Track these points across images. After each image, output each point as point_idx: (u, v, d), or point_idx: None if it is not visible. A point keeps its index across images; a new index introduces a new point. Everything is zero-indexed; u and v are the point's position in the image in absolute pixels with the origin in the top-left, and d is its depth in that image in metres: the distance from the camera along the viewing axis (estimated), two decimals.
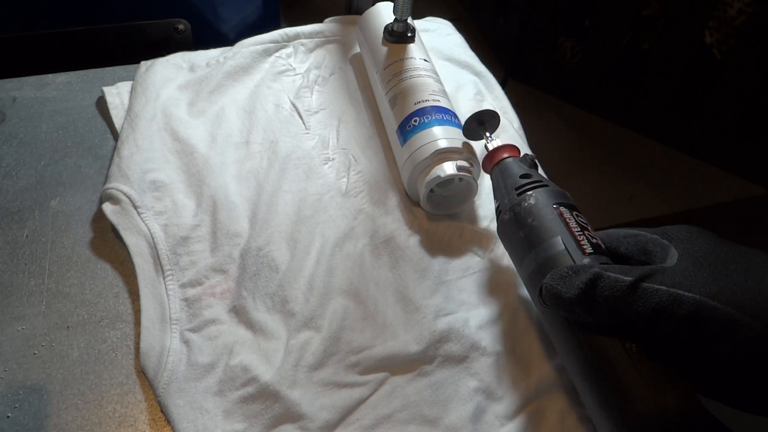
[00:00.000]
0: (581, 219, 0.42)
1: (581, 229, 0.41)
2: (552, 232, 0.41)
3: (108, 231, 0.51)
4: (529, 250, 0.42)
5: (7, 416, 0.41)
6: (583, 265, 0.38)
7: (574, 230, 0.41)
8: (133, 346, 0.45)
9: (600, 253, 0.40)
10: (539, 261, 0.41)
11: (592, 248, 0.40)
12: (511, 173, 0.46)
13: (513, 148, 0.49)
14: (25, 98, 0.61)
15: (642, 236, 0.40)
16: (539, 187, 0.44)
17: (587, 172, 1.60)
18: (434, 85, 0.56)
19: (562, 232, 0.41)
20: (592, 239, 0.41)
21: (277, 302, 0.47)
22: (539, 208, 0.43)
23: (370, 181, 0.55)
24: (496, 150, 0.49)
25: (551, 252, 0.40)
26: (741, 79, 1.48)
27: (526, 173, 0.46)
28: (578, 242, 0.40)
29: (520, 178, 0.45)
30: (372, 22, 0.62)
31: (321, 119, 0.60)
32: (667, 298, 0.33)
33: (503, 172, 0.47)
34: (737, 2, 1.44)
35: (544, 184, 0.44)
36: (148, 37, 0.78)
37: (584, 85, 1.72)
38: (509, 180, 0.46)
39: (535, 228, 0.42)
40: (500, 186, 0.47)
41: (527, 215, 0.43)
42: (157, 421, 0.41)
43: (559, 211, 0.42)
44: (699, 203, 1.57)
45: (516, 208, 0.44)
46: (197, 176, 0.54)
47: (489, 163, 0.49)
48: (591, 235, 0.41)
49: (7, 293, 0.47)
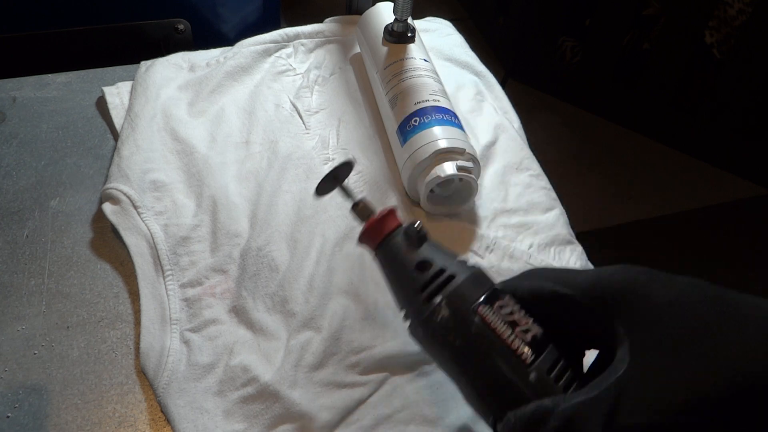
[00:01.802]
0: (506, 310, 0.34)
1: (511, 329, 0.34)
2: (482, 353, 0.33)
3: (108, 231, 0.51)
4: (461, 375, 0.35)
5: (7, 416, 0.41)
6: (538, 413, 0.31)
7: (506, 339, 0.33)
8: (133, 346, 0.45)
9: (540, 350, 0.33)
10: (478, 389, 0.34)
11: (532, 351, 0.33)
12: (403, 264, 0.37)
13: (391, 215, 0.39)
14: (25, 98, 0.61)
15: (570, 301, 0.34)
16: (447, 282, 0.35)
17: (587, 172, 1.61)
18: (434, 85, 0.56)
19: (493, 347, 0.33)
20: (527, 335, 0.34)
21: (277, 302, 0.47)
22: (457, 322, 0.34)
23: (370, 181, 0.55)
24: (374, 225, 0.39)
25: (489, 378, 0.33)
26: (741, 79, 1.48)
27: (424, 260, 0.36)
28: (516, 354, 0.33)
29: (419, 271, 0.36)
30: (372, 22, 0.62)
31: (321, 119, 0.60)
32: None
33: (393, 261, 0.38)
34: (737, 2, 1.44)
35: (450, 274, 0.36)
36: (148, 37, 0.78)
37: (584, 85, 1.72)
38: (404, 276, 0.37)
39: (460, 349, 0.34)
40: (395, 283, 0.38)
41: (445, 332, 0.34)
42: (157, 421, 0.41)
43: (481, 318, 0.34)
44: (699, 203, 1.57)
45: (429, 323, 0.35)
46: (197, 176, 0.54)
47: (370, 241, 0.39)
48: (523, 329, 0.34)
49: (7, 293, 0.47)
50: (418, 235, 0.37)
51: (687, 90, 1.60)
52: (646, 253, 1.45)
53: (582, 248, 0.54)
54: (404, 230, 0.38)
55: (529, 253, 0.52)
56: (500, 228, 0.53)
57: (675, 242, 1.49)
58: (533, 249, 0.52)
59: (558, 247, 0.53)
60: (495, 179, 0.56)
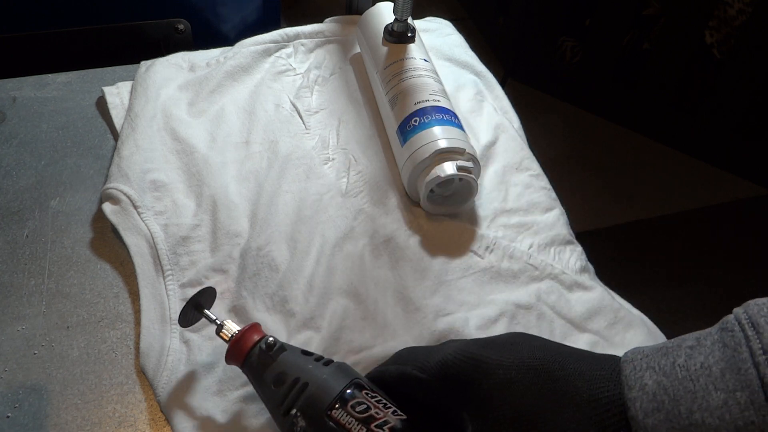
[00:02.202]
0: (360, 406, 0.36)
1: (365, 426, 0.35)
2: None
3: (108, 231, 0.51)
4: None
5: (7, 416, 0.41)
6: None
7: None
8: (133, 346, 0.45)
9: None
10: None
11: None
12: (263, 380, 0.39)
13: (252, 330, 0.40)
14: (25, 98, 0.61)
15: (421, 386, 0.36)
16: (299, 394, 0.37)
17: (587, 172, 1.61)
18: (434, 85, 0.56)
19: None
20: (384, 429, 0.35)
21: (276, 302, 0.47)
22: (314, 430, 0.36)
23: (370, 181, 0.55)
24: (237, 342, 0.40)
25: None
26: (741, 79, 1.48)
27: (279, 373, 0.38)
28: None
29: (275, 386, 0.38)
30: (372, 22, 0.62)
31: (321, 119, 0.60)
32: None
33: (255, 376, 0.39)
34: (737, 2, 1.44)
35: (303, 385, 0.37)
36: (148, 37, 0.78)
37: (584, 85, 1.72)
38: (265, 393, 0.39)
39: None
40: (261, 398, 0.39)
41: None
42: (157, 421, 0.41)
43: (336, 421, 0.36)
44: (699, 203, 1.57)
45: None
46: (197, 176, 0.54)
47: (236, 361, 0.40)
48: (379, 424, 0.35)
49: (7, 293, 0.47)
50: (272, 348, 0.39)
51: (687, 90, 1.60)
52: (646, 253, 1.45)
53: (582, 248, 0.54)
54: (259, 346, 0.39)
55: (529, 253, 0.52)
56: (500, 228, 0.53)
57: (675, 242, 1.49)
58: (533, 249, 0.52)
59: (558, 247, 0.53)
60: (495, 179, 0.56)
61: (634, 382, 0.30)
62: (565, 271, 0.51)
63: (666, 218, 1.53)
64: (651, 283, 1.37)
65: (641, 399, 0.29)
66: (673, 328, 0.52)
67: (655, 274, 1.40)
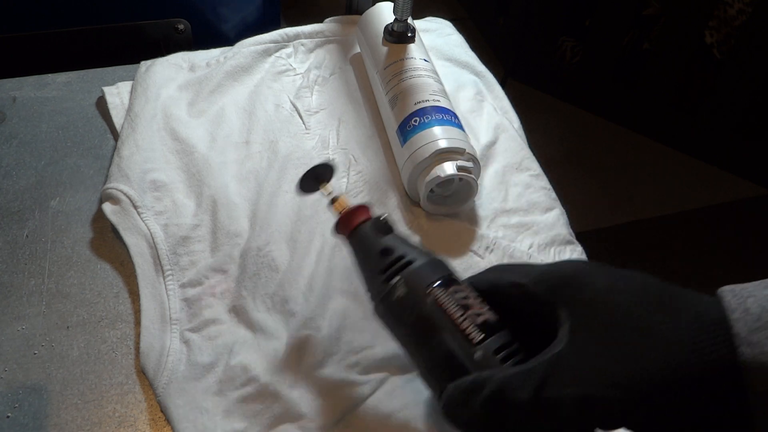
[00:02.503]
0: (460, 295, 0.37)
1: (463, 311, 0.36)
2: (433, 329, 0.36)
3: (108, 231, 0.51)
4: (414, 351, 0.38)
5: (7, 416, 0.41)
6: (475, 383, 0.34)
7: (456, 319, 0.36)
8: (133, 346, 0.45)
9: (491, 333, 0.36)
10: (428, 365, 0.37)
11: (481, 332, 0.36)
12: (369, 249, 0.40)
13: (363, 209, 0.42)
14: (25, 98, 0.61)
15: (526, 290, 0.37)
16: (405, 266, 0.39)
17: (587, 171, 1.61)
18: (434, 85, 0.56)
19: (443, 325, 0.36)
20: (479, 318, 0.36)
21: (276, 302, 0.47)
22: (412, 300, 0.37)
23: (370, 181, 0.55)
24: (346, 216, 0.42)
25: (438, 354, 0.36)
26: (741, 79, 1.48)
27: (387, 247, 0.40)
28: (464, 333, 0.36)
29: (381, 256, 0.39)
30: (372, 22, 0.62)
31: (321, 119, 0.60)
32: (572, 407, 0.32)
33: (361, 248, 0.41)
34: (737, 2, 1.44)
35: (409, 260, 0.39)
36: (148, 37, 0.78)
37: (584, 85, 1.72)
38: (369, 260, 0.40)
39: (413, 326, 0.37)
40: (362, 266, 0.41)
41: (401, 310, 0.38)
42: (157, 421, 0.41)
43: (433, 298, 0.37)
44: (699, 203, 1.57)
45: (387, 301, 0.38)
46: (197, 176, 0.54)
47: (344, 229, 0.42)
48: (476, 312, 0.36)
49: (7, 293, 0.47)
50: (385, 226, 0.41)
51: (687, 90, 1.60)
52: (646, 253, 1.45)
53: (582, 248, 0.54)
54: (373, 221, 0.42)
55: (529, 253, 0.52)
56: (500, 228, 0.53)
57: (675, 242, 1.49)
58: (533, 249, 0.52)
59: (558, 247, 0.53)
60: (495, 179, 0.56)
61: (736, 305, 0.31)
62: None
63: (666, 218, 1.53)
64: None
65: (744, 319, 0.30)
66: None
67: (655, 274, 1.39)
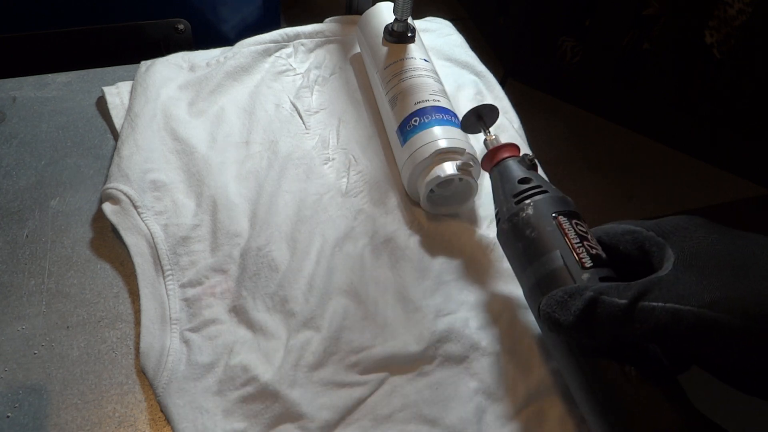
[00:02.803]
0: (581, 228, 0.41)
1: (580, 239, 0.40)
2: (550, 246, 0.40)
3: (108, 231, 0.51)
4: (527, 264, 0.41)
5: (7, 416, 0.41)
6: (578, 288, 0.37)
7: (573, 243, 0.40)
8: (133, 346, 0.45)
9: (600, 265, 0.39)
10: (537, 276, 0.40)
11: (591, 261, 0.39)
12: (509, 177, 0.45)
13: (513, 147, 0.47)
14: (25, 98, 0.61)
15: (639, 233, 0.39)
16: (538, 194, 0.43)
17: (587, 172, 1.60)
18: (434, 85, 0.56)
19: (560, 245, 0.40)
20: (592, 250, 0.40)
21: (277, 302, 0.47)
22: (537, 219, 0.41)
23: (370, 181, 0.55)
24: (495, 150, 0.47)
25: (549, 267, 0.40)
26: (741, 79, 1.48)
27: (525, 177, 0.44)
28: (577, 255, 0.39)
29: (519, 183, 0.44)
30: (372, 22, 0.62)
31: (321, 119, 0.60)
32: (664, 316, 0.32)
33: (502, 175, 0.46)
34: (737, 2, 1.44)
35: (544, 190, 0.43)
36: (148, 37, 0.78)
37: (584, 85, 1.72)
38: (507, 185, 0.45)
39: (534, 240, 0.41)
40: (499, 190, 0.46)
41: (525, 226, 0.42)
42: (157, 421, 0.41)
43: (557, 222, 0.41)
44: (699, 203, 1.57)
45: (514, 219, 0.43)
46: (197, 176, 0.54)
47: (488, 163, 0.48)
48: (591, 245, 0.40)
49: (7, 293, 0.47)
50: (531, 163, 0.46)
51: (687, 90, 1.60)
52: None
53: None
54: (522, 156, 0.46)
55: None
56: None
57: None
58: None
59: None
60: None
61: None
62: None
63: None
64: None
65: None
66: None
67: None
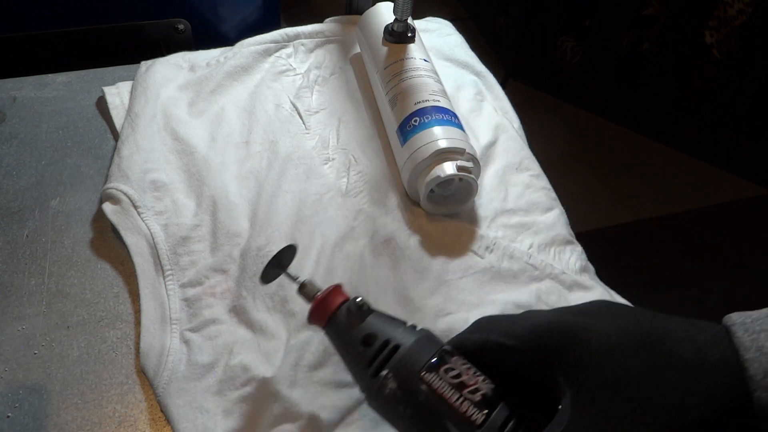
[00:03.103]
0: (453, 373, 0.35)
1: (459, 391, 0.34)
2: (432, 419, 0.34)
3: (108, 231, 0.51)
4: None
5: (7, 416, 0.41)
6: None
7: (453, 403, 0.34)
8: (133, 346, 0.45)
9: (490, 408, 0.34)
10: None
11: (480, 411, 0.34)
12: (350, 339, 0.38)
13: (338, 290, 0.40)
14: (25, 98, 0.61)
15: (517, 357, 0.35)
16: (391, 353, 0.36)
17: (587, 172, 1.61)
18: (434, 85, 0.56)
19: (442, 413, 0.34)
20: (476, 395, 0.34)
21: (277, 302, 0.47)
22: (405, 392, 0.35)
23: (370, 181, 0.55)
24: (321, 300, 0.39)
25: None
26: (741, 79, 1.48)
27: (369, 333, 0.37)
28: (464, 417, 0.34)
29: (364, 346, 0.37)
30: (372, 22, 0.62)
31: (321, 119, 0.60)
32: None
33: (340, 337, 0.38)
34: (737, 2, 1.44)
35: (395, 344, 0.36)
36: (148, 37, 0.78)
37: (584, 85, 1.72)
38: (353, 351, 0.37)
39: (412, 417, 0.35)
40: (345, 359, 0.38)
41: (395, 403, 0.35)
42: (157, 421, 0.41)
43: (427, 385, 0.35)
44: (699, 203, 1.57)
45: (378, 398, 0.36)
46: (197, 176, 0.54)
47: (319, 318, 0.39)
48: (471, 389, 0.34)
49: (7, 293, 0.47)
50: (361, 310, 0.38)
51: (687, 90, 1.60)
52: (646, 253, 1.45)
53: (582, 248, 0.54)
54: (347, 306, 0.39)
55: (529, 253, 0.52)
56: (500, 228, 0.53)
57: (675, 242, 1.49)
58: (533, 249, 0.52)
59: (558, 248, 0.53)
60: (495, 179, 0.56)
61: (750, 343, 0.29)
62: (565, 271, 0.51)
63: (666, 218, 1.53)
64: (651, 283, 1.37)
65: (760, 360, 0.28)
66: None
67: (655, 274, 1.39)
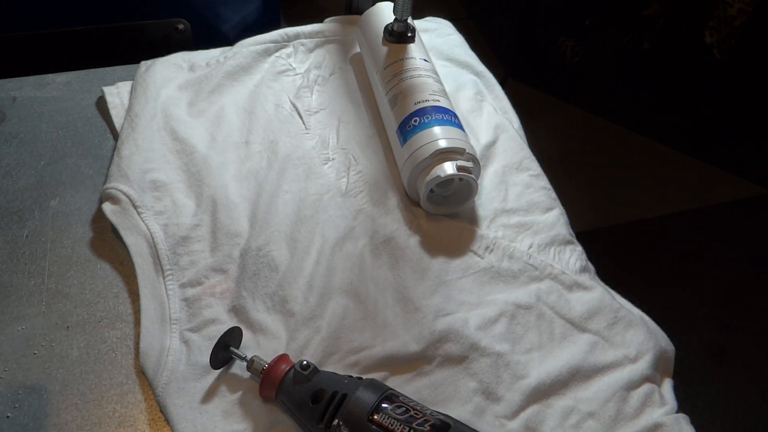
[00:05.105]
0: (399, 410, 0.38)
1: (408, 425, 0.37)
2: None
3: (108, 231, 0.51)
4: None
5: (7, 416, 0.41)
6: None
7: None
8: (133, 346, 0.45)
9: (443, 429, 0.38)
10: None
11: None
12: (301, 401, 0.40)
13: (284, 358, 0.42)
14: (25, 98, 0.61)
15: None
16: (340, 403, 0.39)
17: (587, 172, 1.60)
18: (434, 85, 0.56)
19: None
20: (425, 425, 0.38)
21: (276, 302, 0.47)
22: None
23: (370, 181, 0.55)
24: (269, 371, 0.41)
25: None
26: (741, 79, 1.48)
27: (316, 391, 0.40)
28: None
29: (315, 404, 0.39)
30: (372, 22, 0.62)
31: (321, 119, 0.60)
32: None
33: (292, 401, 0.40)
34: (737, 2, 1.44)
35: (343, 393, 0.39)
36: (148, 37, 0.78)
37: (584, 85, 1.72)
38: (305, 411, 0.40)
39: None
40: (299, 420, 0.40)
41: None
42: (156, 421, 0.41)
43: (378, 425, 0.38)
44: (699, 203, 1.56)
45: None
46: (197, 176, 0.54)
47: (270, 389, 0.41)
48: (420, 422, 0.38)
49: (7, 293, 0.47)
50: (307, 370, 0.41)
51: (687, 90, 1.60)
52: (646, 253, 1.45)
53: (582, 248, 0.54)
54: (294, 369, 0.41)
55: (528, 253, 0.52)
56: (500, 228, 0.53)
57: (675, 242, 1.49)
58: (533, 249, 0.52)
59: (558, 247, 0.53)
60: (495, 179, 0.56)
61: None
62: (565, 271, 0.51)
63: (666, 218, 1.53)
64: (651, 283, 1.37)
65: None
66: (673, 327, 0.52)
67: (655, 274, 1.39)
